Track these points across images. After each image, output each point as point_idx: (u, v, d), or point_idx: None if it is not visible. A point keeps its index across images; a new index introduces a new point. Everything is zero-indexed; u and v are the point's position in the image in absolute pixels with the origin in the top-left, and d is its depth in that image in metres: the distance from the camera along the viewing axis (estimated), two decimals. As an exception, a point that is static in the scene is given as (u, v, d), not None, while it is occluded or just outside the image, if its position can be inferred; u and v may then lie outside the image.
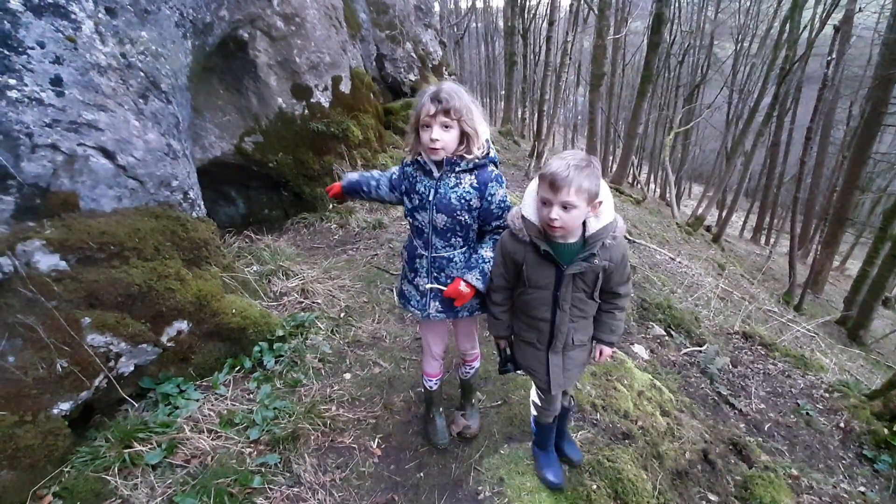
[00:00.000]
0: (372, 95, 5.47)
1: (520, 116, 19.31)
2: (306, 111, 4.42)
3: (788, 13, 12.37)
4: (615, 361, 2.75)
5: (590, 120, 14.41)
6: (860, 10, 14.78)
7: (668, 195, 17.93)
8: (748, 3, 19.65)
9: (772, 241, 19.33)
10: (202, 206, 2.70)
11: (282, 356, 2.54)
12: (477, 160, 1.69)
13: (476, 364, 2.23)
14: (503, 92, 18.44)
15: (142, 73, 2.32)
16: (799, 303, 11.11)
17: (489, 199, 1.72)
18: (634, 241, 7.93)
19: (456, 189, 1.70)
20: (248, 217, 4.74)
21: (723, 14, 20.66)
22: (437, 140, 1.61)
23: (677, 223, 13.87)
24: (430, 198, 1.72)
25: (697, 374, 3.83)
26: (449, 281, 1.81)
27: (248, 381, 2.40)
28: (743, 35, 19.89)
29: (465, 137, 1.66)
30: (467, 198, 1.71)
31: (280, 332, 2.62)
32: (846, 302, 11.27)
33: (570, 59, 14.40)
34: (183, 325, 2.28)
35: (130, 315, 2.07)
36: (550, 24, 10.06)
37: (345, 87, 4.80)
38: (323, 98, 4.56)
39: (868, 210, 19.02)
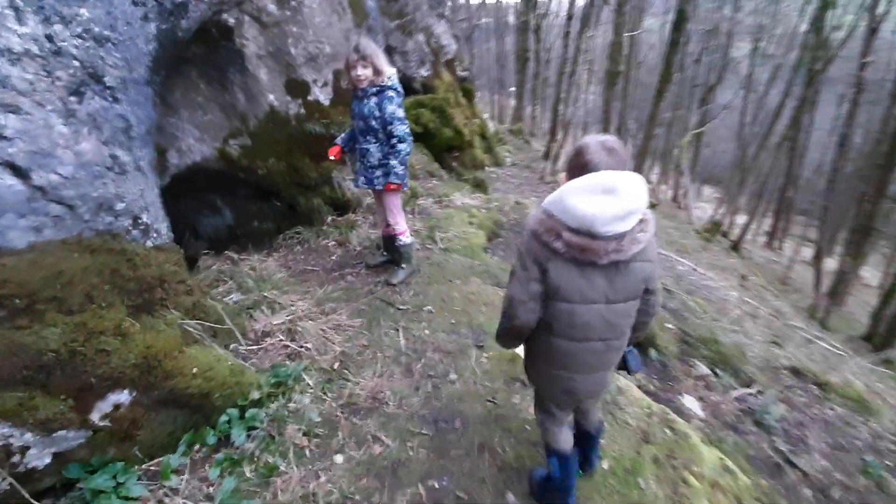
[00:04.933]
0: (378, 92, 4.88)
1: (531, 114, 18.67)
2: (302, 110, 3.85)
3: (819, 11, 11.67)
4: (676, 436, 2.18)
5: (604, 119, 13.79)
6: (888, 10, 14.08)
7: (682, 198, 17.32)
8: (765, 3, 18.92)
9: (788, 247, 18.66)
10: (162, 232, 2.15)
11: (256, 428, 1.98)
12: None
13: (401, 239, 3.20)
14: (514, 88, 17.81)
15: (76, 63, 1.76)
16: (825, 318, 10.54)
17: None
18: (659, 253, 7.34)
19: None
20: (236, 229, 4.18)
21: (740, 13, 19.90)
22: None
23: (695, 229, 13.28)
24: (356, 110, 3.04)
25: (752, 428, 3.27)
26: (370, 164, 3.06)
27: (209, 464, 1.85)
28: (760, 35, 19.15)
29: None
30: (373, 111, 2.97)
31: (256, 394, 2.07)
32: (873, 316, 10.66)
33: (585, 55, 13.74)
34: (122, 397, 1.74)
35: (43, 392, 1.53)
36: (569, 18, 9.46)
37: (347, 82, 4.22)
38: (322, 95, 3.99)
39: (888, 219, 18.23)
